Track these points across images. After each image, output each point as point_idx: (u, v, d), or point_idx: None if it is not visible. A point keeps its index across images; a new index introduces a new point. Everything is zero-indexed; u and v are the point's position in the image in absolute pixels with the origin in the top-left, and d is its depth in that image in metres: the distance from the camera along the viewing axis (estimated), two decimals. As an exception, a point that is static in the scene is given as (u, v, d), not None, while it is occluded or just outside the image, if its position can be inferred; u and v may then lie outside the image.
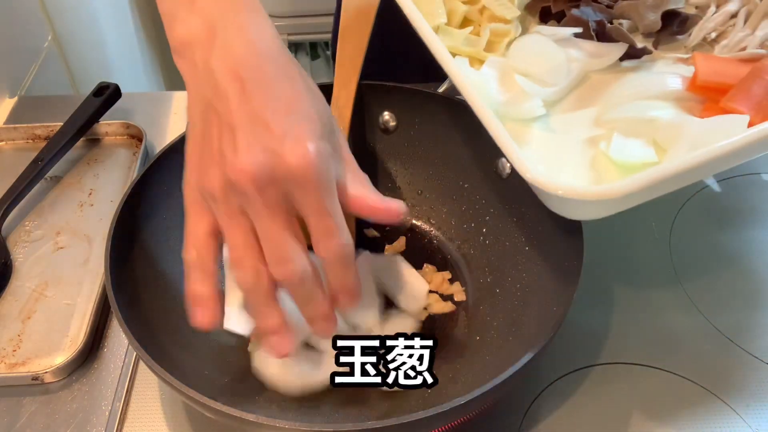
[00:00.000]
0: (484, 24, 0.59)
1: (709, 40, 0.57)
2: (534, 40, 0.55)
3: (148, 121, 0.79)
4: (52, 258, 0.65)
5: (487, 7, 0.59)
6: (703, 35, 0.56)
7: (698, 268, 0.64)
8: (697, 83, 0.51)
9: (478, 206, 0.63)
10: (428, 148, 0.65)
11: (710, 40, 0.57)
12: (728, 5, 0.57)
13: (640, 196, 0.43)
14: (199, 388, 0.44)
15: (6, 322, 0.60)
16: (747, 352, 0.58)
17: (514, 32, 0.58)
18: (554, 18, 0.60)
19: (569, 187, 0.43)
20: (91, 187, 0.73)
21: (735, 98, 0.48)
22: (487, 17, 0.59)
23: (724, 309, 0.61)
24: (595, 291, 0.62)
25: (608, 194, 0.42)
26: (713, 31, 0.56)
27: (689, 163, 0.42)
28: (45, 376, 0.56)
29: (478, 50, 0.57)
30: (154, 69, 1.48)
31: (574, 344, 0.58)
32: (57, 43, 1.02)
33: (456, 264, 0.62)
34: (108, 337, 0.60)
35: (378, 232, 0.65)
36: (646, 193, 0.43)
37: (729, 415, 0.54)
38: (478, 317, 0.58)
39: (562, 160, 0.49)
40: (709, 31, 0.56)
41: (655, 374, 0.56)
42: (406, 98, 0.64)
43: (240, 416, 0.42)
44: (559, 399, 0.55)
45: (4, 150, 0.78)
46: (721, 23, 0.56)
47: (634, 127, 0.48)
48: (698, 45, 0.57)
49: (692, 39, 0.57)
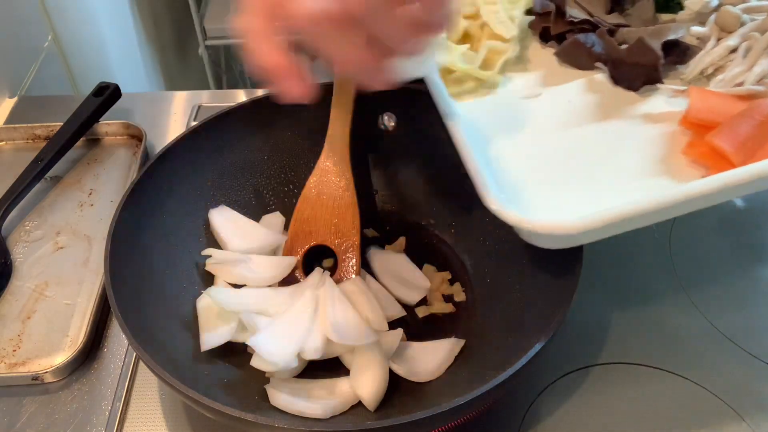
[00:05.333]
0: (484, 40, 0.59)
1: (707, 74, 0.56)
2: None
3: (148, 121, 0.79)
4: (52, 258, 0.65)
5: (487, 24, 0.59)
6: (700, 68, 0.56)
7: (698, 268, 0.64)
8: (689, 119, 0.51)
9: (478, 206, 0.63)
10: (428, 148, 0.65)
11: (707, 74, 0.56)
12: (729, 39, 0.56)
13: (597, 233, 0.45)
14: (198, 389, 0.44)
15: (6, 322, 0.60)
16: (747, 352, 0.58)
17: (511, 51, 0.58)
18: (554, 39, 0.61)
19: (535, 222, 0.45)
20: (91, 187, 0.73)
21: (720, 135, 0.47)
22: (488, 34, 0.59)
23: (724, 309, 0.61)
24: (595, 291, 0.62)
25: (567, 230, 0.44)
26: (711, 66, 0.56)
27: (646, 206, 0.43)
28: (45, 376, 0.56)
29: (474, 67, 0.57)
30: (154, 69, 1.48)
31: (574, 344, 0.58)
32: (57, 43, 1.02)
33: (456, 264, 0.62)
34: (108, 337, 0.60)
35: (378, 232, 0.65)
36: (603, 231, 0.44)
37: (729, 415, 0.54)
38: (478, 318, 0.58)
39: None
40: (707, 65, 0.56)
41: (655, 374, 0.56)
42: (406, 98, 0.64)
43: (240, 416, 0.42)
44: (559, 399, 0.55)
45: (4, 150, 0.78)
46: (720, 57, 0.55)
47: None
48: (695, 78, 0.56)
49: (690, 72, 0.56)
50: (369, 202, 0.67)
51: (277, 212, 0.65)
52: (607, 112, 0.55)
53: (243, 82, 1.92)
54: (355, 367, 0.52)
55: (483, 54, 0.57)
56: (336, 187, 0.60)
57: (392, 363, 0.53)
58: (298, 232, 0.60)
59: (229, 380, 0.53)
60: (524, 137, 0.53)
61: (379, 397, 0.51)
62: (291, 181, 0.66)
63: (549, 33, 0.61)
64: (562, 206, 0.48)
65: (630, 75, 0.56)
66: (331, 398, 0.51)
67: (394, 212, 0.67)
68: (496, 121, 0.55)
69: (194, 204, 0.62)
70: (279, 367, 0.51)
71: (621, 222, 0.44)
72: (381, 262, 0.62)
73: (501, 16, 0.59)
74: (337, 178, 0.60)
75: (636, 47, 0.55)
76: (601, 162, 0.51)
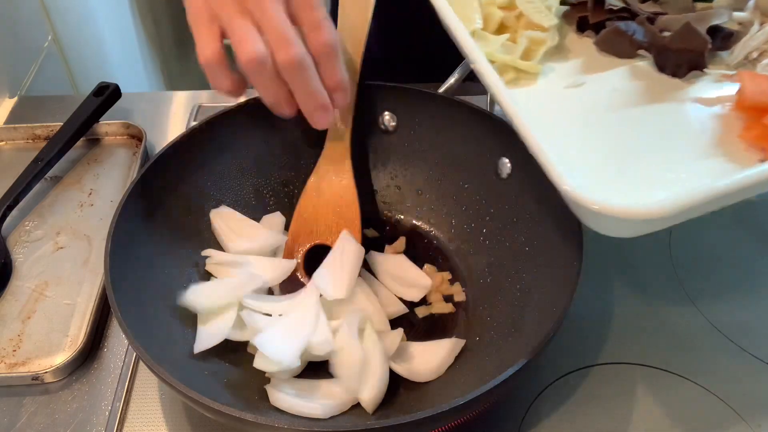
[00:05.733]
0: (521, 31, 0.57)
1: (752, 59, 0.55)
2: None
3: (148, 121, 0.79)
4: (52, 258, 0.65)
5: (524, 14, 0.58)
6: (745, 53, 0.55)
7: (698, 268, 0.64)
8: (746, 103, 0.50)
9: (478, 206, 0.63)
10: (428, 148, 0.65)
11: (752, 58, 0.55)
12: None
13: (679, 216, 0.42)
14: (198, 388, 0.44)
15: (6, 322, 0.60)
16: (747, 352, 0.58)
17: (550, 41, 0.57)
18: (592, 29, 0.59)
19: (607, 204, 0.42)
20: (91, 187, 0.73)
21: None
22: (524, 24, 0.58)
23: (724, 309, 0.61)
24: (595, 291, 0.62)
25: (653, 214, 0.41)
26: (755, 50, 0.55)
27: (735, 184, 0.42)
28: (45, 376, 0.56)
29: (514, 58, 0.56)
30: (154, 69, 1.48)
31: (574, 344, 0.58)
32: (57, 43, 1.02)
33: (456, 264, 0.62)
34: (108, 337, 0.60)
35: (378, 232, 0.65)
36: (686, 213, 0.42)
37: (729, 415, 0.54)
38: (478, 318, 0.58)
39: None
40: (751, 49, 0.55)
41: (654, 374, 0.56)
42: (407, 98, 0.64)
43: (239, 416, 0.42)
44: (559, 399, 0.55)
45: (4, 150, 0.78)
46: (764, 42, 0.55)
47: None
48: (740, 63, 0.56)
49: (734, 57, 0.56)
50: (369, 202, 0.67)
51: (278, 212, 0.65)
52: (655, 98, 0.54)
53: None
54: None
55: (524, 44, 0.56)
56: (337, 186, 0.60)
57: (393, 363, 0.53)
58: (299, 231, 0.60)
59: (229, 380, 0.53)
60: (573, 126, 0.52)
61: (378, 400, 0.51)
62: (291, 181, 0.66)
63: (586, 22, 0.60)
64: (627, 192, 0.46)
65: (676, 61, 0.55)
66: (331, 398, 0.51)
67: (394, 212, 0.67)
68: (541, 111, 0.54)
69: (194, 204, 0.62)
70: (283, 366, 0.51)
71: (704, 204, 0.42)
72: (380, 265, 0.62)
73: (537, 5, 0.58)
74: (338, 177, 0.60)
75: (683, 33, 0.54)
76: (657, 147, 0.50)
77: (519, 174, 0.59)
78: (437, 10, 0.55)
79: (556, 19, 0.58)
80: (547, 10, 0.58)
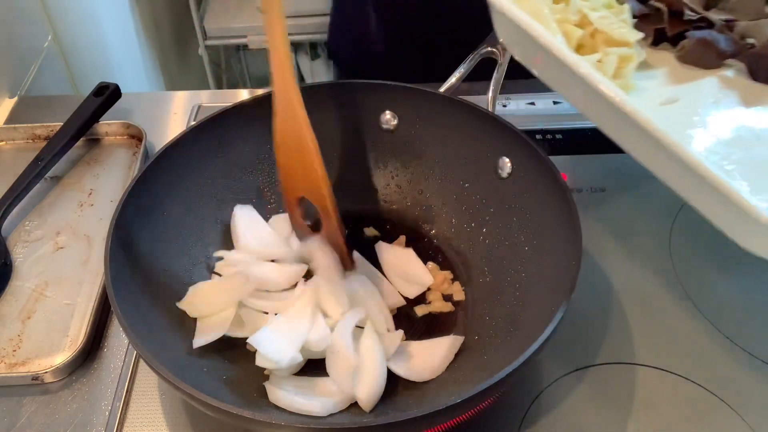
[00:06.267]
0: (602, 48, 0.53)
1: None
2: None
3: (148, 121, 0.79)
4: (52, 258, 0.65)
5: (600, 31, 0.53)
6: None
7: (698, 268, 0.64)
8: None
9: (478, 206, 0.63)
10: (428, 148, 0.65)
11: None
12: None
13: None
14: (198, 387, 0.44)
15: (6, 322, 0.60)
16: (747, 352, 0.58)
17: (638, 56, 0.53)
18: (669, 41, 0.56)
19: None
20: (91, 187, 0.73)
21: None
22: (601, 40, 0.54)
23: (724, 309, 0.61)
24: (594, 291, 0.62)
25: None
26: None
27: None
28: (45, 376, 0.56)
29: (608, 78, 0.51)
30: (154, 69, 1.48)
31: (574, 344, 0.58)
32: (57, 43, 1.02)
33: (456, 264, 0.62)
34: (108, 337, 0.60)
35: (378, 231, 0.65)
36: None
37: (729, 415, 0.54)
38: (477, 317, 0.58)
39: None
40: None
41: (655, 374, 0.56)
42: (407, 98, 0.64)
43: (238, 413, 0.42)
44: (559, 399, 0.55)
45: (4, 150, 0.78)
46: None
47: None
48: None
49: None
50: (369, 201, 0.67)
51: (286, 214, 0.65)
52: (760, 105, 0.51)
53: (243, 82, 1.93)
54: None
55: (614, 62, 0.52)
56: (293, 134, 0.56)
57: (392, 363, 0.53)
58: (284, 185, 0.60)
59: (229, 377, 0.53)
60: (689, 143, 0.48)
61: (374, 399, 0.51)
62: (291, 180, 0.66)
63: (661, 34, 0.57)
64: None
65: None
66: (330, 396, 0.51)
67: (394, 211, 0.67)
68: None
69: (194, 203, 0.61)
70: (282, 365, 0.51)
71: None
72: (388, 256, 0.62)
73: (612, 20, 0.54)
74: (292, 122, 0.56)
75: None
76: None
77: (519, 174, 0.59)
78: (519, 25, 0.49)
79: (641, 33, 0.54)
80: (626, 24, 0.54)
